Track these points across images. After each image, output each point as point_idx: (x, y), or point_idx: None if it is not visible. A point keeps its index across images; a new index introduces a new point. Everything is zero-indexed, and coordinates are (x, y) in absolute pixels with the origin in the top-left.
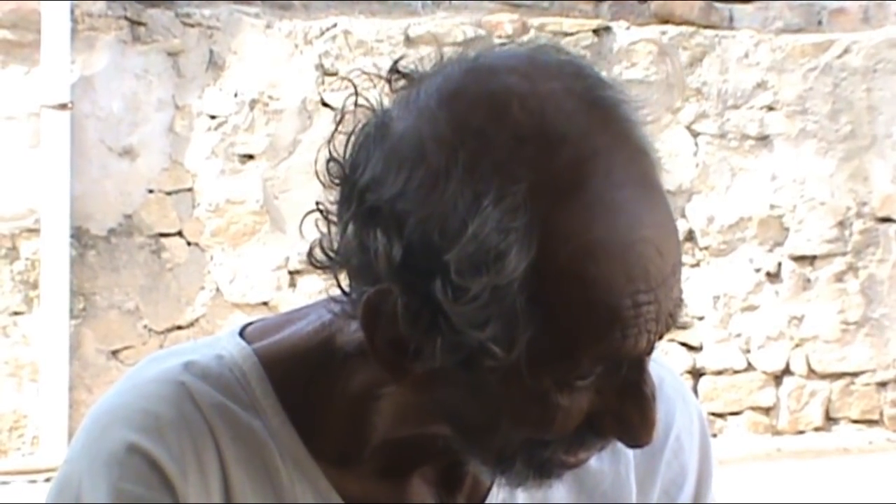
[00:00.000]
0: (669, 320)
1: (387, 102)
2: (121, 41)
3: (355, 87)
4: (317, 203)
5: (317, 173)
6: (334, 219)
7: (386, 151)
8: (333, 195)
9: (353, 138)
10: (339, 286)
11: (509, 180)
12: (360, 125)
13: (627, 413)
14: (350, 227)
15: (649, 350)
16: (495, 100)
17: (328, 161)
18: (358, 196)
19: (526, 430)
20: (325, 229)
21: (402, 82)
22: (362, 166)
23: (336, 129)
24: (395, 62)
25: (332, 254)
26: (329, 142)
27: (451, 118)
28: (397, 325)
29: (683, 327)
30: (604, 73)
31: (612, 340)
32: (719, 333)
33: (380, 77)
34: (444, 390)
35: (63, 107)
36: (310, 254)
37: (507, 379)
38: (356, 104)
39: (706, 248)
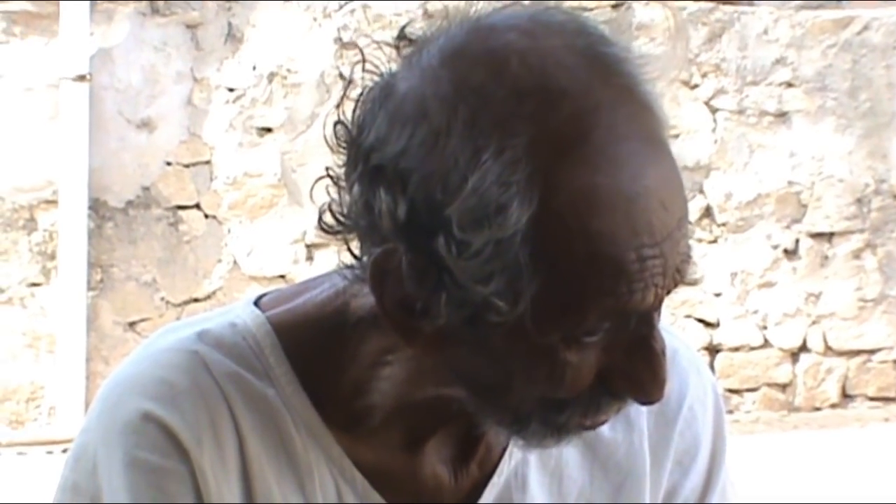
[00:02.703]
0: (677, 275)
1: (393, 67)
2: (139, 13)
3: (363, 53)
4: (327, 169)
5: (325, 140)
6: (344, 184)
7: (390, 111)
8: (342, 160)
9: (359, 101)
10: (350, 251)
11: (509, 134)
12: (366, 89)
13: (637, 369)
14: (356, 188)
15: (657, 305)
16: (495, 56)
17: (335, 125)
18: (363, 157)
19: (537, 388)
20: (336, 196)
21: (410, 48)
22: (368, 128)
23: (344, 95)
24: (403, 28)
25: (342, 218)
26: (338, 106)
27: (452, 76)
28: (404, 284)
29: (693, 283)
30: (607, 31)
31: (619, 295)
32: (736, 310)
33: (389, 45)
34: (455, 350)
35: (82, 78)
36: (320, 219)
37: (513, 335)
38: (364, 69)
39: (724, 225)
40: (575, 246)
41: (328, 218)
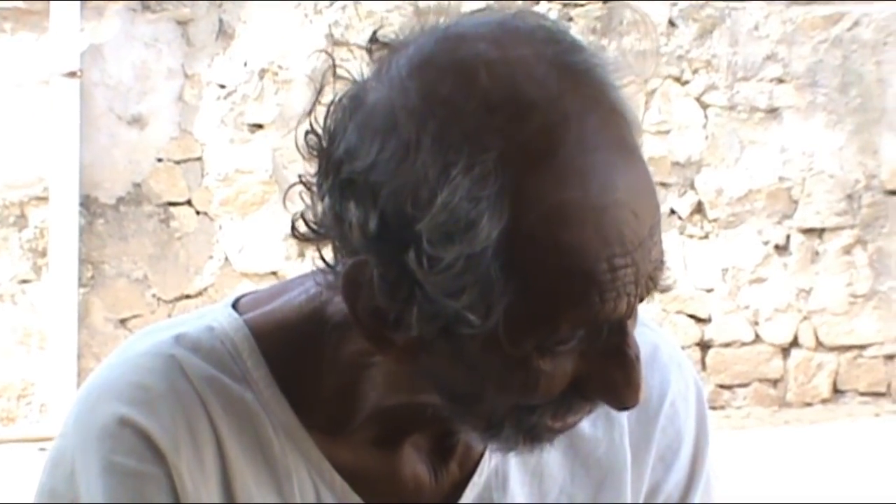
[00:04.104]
0: (650, 283)
1: (367, 72)
2: (130, 9)
3: (333, 59)
4: (299, 175)
5: (297, 146)
6: (317, 193)
7: (359, 123)
8: (314, 167)
9: (330, 110)
10: (323, 259)
11: (479, 149)
12: (337, 96)
13: (612, 376)
14: (327, 199)
15: (630, 313)
16: (464, 68)
17: (307, 133)
18: (334, 168)
19: (511, 396)
20: (309, 202)
21: (382, 52)
22: (338, 138)
23: (315, 101)
24: (375, 31)
25: (314, 226)
26: (309, 114)
27: (420, 88)
28: (376, 296)
29: (666, 290)
30: (578, 37)
31: (591, 305)
32: (727, 305)
33: (361, 48)
34: (429, 359)
35: (72, 75)
36: (293, 227)
37: (486, 346)
38: (335, 75)
39: (715, 221)
40: (546, 259)
41: (301, 226)
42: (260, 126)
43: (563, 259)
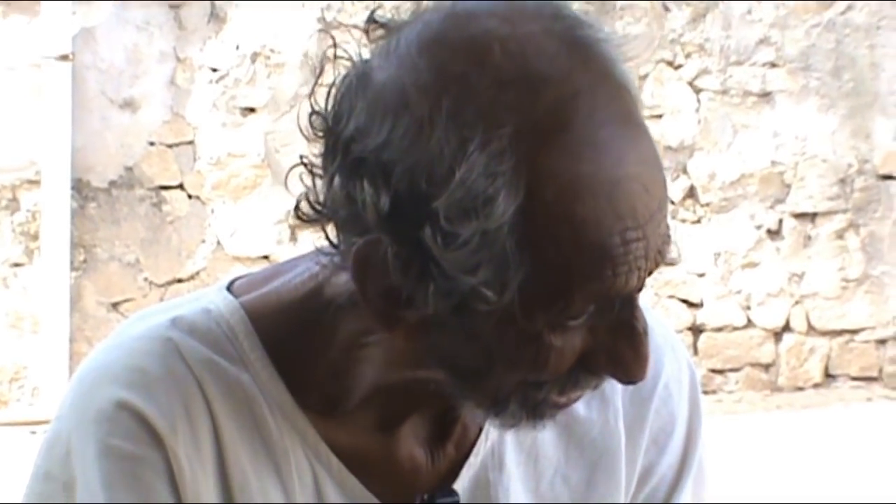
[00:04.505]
0: (658, 256)
1: (366, 53)
2: None
3: (333, 38)
4: (301, 157)
5: (300, 128)
6: (320, 172)
7: (369, 101)
8: (318, 148)
9: (334, 90)
10: (328, 239)
11: (494, 125)
12: (340, 77)
13: (620, 350)
14: (336, 180)
15: (640, 286)
16: (476, 44)
17: (310, 114)
18: (343, 148)
19: (520, 372)
20: (310, 183)
21: (379, 32)
22: (345, 118)
23: (316, 82)
24: (372, 12)
25: (319, 207)
26: (310, 95)
27: (432, 65)
28: (389, 274)
29: (671, 263)
30: (580, 11)
31: (604, 279)
32: (719, 290)
33: (357, 28)
34: (438, 336)
35: (64, 58)
36: (297, 208)
37: (500, 322)
38: (335, 55)
39: (707, 205)
40: (561, 234)
41: (305, 206)
42: (252, 110)
43: (577, 233)
